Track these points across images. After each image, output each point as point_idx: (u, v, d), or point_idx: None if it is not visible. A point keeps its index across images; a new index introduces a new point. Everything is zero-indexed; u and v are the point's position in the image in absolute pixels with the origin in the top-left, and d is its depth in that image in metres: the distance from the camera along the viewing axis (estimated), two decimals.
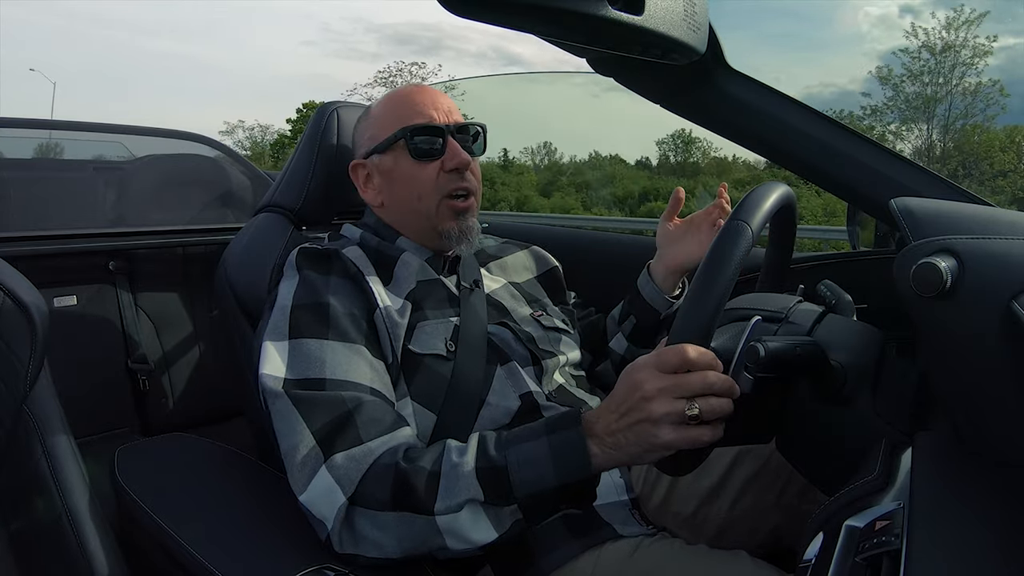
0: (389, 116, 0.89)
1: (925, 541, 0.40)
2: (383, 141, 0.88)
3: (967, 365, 0.47)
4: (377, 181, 0.91)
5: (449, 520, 0.63)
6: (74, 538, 0.68)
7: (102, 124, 1.63)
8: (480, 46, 56.43)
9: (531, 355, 0.87)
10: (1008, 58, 23.82)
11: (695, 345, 0.56)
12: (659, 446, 0.58)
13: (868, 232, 1.09)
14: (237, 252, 1.03)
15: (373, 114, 0.93)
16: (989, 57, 16.34)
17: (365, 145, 0.92)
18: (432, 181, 0.87)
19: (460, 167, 0.87)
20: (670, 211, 1.00)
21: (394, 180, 0.89)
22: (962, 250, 0.45)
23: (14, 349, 0.68)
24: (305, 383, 0.72)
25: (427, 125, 0.86)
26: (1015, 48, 23.83)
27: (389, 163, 0.89)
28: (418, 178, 0.87)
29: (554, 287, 1.06)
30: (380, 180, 0.91)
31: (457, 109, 0.91)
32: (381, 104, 0.93)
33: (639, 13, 0.44)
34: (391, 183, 0.90)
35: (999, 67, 22.25)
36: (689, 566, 0.69)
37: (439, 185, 0.87)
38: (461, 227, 0.88)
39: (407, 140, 0.86)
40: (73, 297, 1.33)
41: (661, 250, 1.00)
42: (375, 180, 0.91)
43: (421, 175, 0.87)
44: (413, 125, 0.86)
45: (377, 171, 0.90)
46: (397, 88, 0.94)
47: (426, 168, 0.87)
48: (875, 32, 33.27)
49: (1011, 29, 22.63)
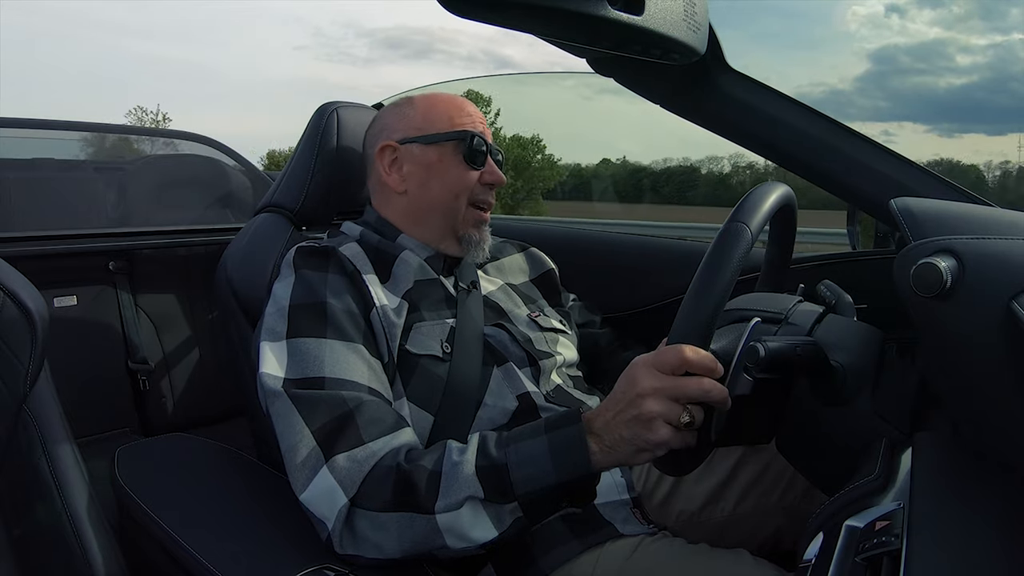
0: (443, 114, 0.92)
1: (925, 541, 0.40)
2: (433, 134, 0.90)
3: (967, 365, 0.47)
4: (408, 169, 0.92)
5: (449, 519, 0.63)
6: (74, 538, 0.68)
7: (102, 124, 1.63)
8: (470, 49, 56.64)
9: (528, 356, 0.87)
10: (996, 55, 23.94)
11: (694, 346, 0.56)
12: (652, 444, 0.58)
13: (868, 232, 1.09)
14: (237, 252, 1.03)
15: (420, 106, 0.93)
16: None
17: (404, 132, 0.92)
18: (471, 187, 0.91)
19: (495, 184, 0.92)
20: None
21: (433, 174, 0.91)
22: (962, 250, 0.45)
23: (14, 349, 0.68)
24: (304, 382, 0.72)
25: (482, 137, 0.91)
26: (1002, 45, 23.98)
27: (432, 157, 0.90)
28: (462, 180, 0.90)
29: (550, 289, 1.06)
30: (413, 169, 0.91)
31: None
32: (431, 99, 0.94)
33: (639, 13, 0.44)
34: (428, 176, 0.91)
35: (987, 64, 22.37)
36: (690, 565, 0.69)
37: (474, 192, 0.91)
38: (481, 235, 0.93)
39: (466, 143, 0.89)
40: (73, 297, 1.34)
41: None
42: (405, 168, 0.92)
43: (466, 178, 0.90)
44: (473, 132, 0.90)
45: (412, 160, 0.91)
46: (445, 92, 0.97)
47: (471, 174, 0.91)
48: (863, 31, 33.50)
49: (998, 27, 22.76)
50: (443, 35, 50.33)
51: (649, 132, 15.77)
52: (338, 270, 0.82)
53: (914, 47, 60.00)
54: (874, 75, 59.05)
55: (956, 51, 22.78)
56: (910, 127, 38.09)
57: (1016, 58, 38.88)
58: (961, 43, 22.27)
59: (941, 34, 21.95)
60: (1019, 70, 29.54)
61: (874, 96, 48.83)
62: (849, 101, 47.77)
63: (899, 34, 23.62)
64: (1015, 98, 30.84)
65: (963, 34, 22.39)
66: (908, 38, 26.47)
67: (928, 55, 60.00)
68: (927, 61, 57.26)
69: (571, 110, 21.48)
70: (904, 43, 30.14)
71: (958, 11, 21.07)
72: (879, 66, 61.73)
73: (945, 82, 50.14)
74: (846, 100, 46.26)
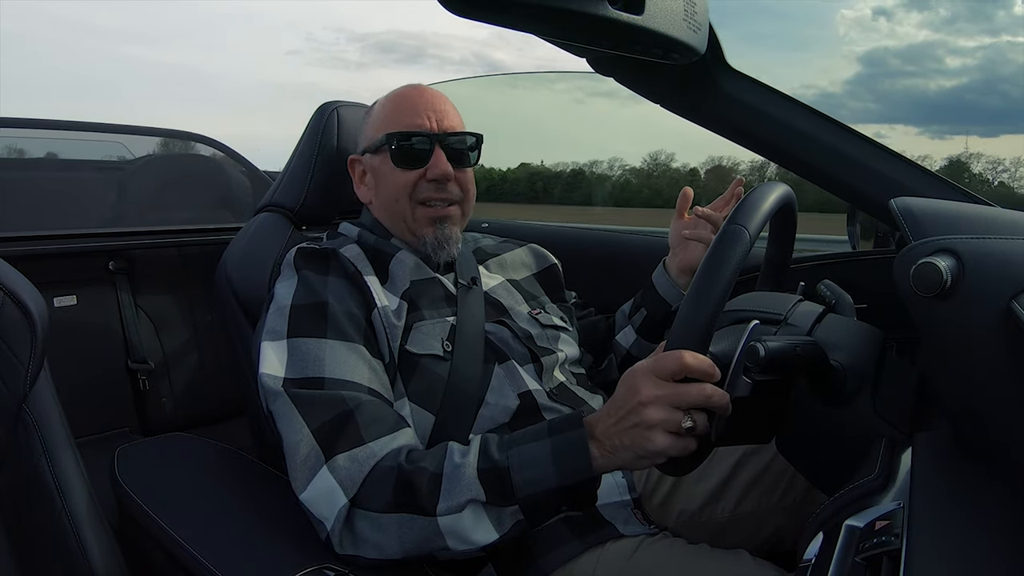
0: (382, 117, 0.91)
1: (925, 541, 0.40)
2: (374, 142, 0.90)
3: (967, 365, 0.47)
4: (368, 179, 0.94)
5: (451, 521, 0.63)
6: (74, 538, 0.68)
7: (102, 124, 1.63)
8: (463, 53, 57.00)
9: (530, 353, 0.87)
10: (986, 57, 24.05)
11: (693, 352, 0.56)
12: (652, 452, 0.58)
13: (868, 232, 1.09)
14: (237, 252, 1.03)
15: (374, 112, 0.94)
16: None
17: (364, 142, 0.94)
18: (407, 187, 0.88)
19: (440, 179, 0.87)
20: (680, 210, 1.01)
21: (380, 181, 0.91)
22: (962, 250, 0.45)
23: (14, 349, 0.68)
24: (304, 382, 0.72)
25: (412, 132, 0.87)
26: (991, 47, 24.13)
27: (377, 163, 0.91)
28: (396, 183, 0.88)
29: (553, 285, 1.06)
30: (371, 178, 0.93)
31: (455, 114, 0.91)
32: (382, 102, 0.93)
33: (639, 13, 0.44)
34: (378, 183, 0.92)
35: (977, 67, 22.47)
36: (690, 565, 0.69)
37: (415, 192, 0.88)
38: (437, 235, 0.88)
39: (390, 146, 0.88)
40: (73, 297, 1.34)
41: (673, 249, 1.01)
42: (367, 177, 0.94)
43: (399, 180, 0.88)
44: (399, 131, 0.87)
45: (370, 169, 0.93)
46: (401, 87, 0.94)
47: (406, 175, 0.88)
48: (852, 34, 33.64)
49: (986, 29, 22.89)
50: (435, 39, 50.58)
51: (564, 135, 15.72)
52: (339, 272, 0.82)
53: (903, 50, 60.21)
54: (864, 77, 59.24)
55: (945, 53, 22.81)
56: (901, 129, 38.28)
57: (1005, 60, 38.98)
58: (950, 45, 22.35)
59: (930, 37, 22.05)
60: (1009, 72, 29.73)
61: (864, 99, 48.97)
62: (840, 104, 48.03)
63: (888, 37, 23.83)
64: (1007, 100, 31.06)
65: (951, 36, 22.47)
66: (897, 40, 26.55)
67: (917, 57, 60.22)
68: (917, 63, 57.51)
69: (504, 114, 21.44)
70: (893, 46, 30.22)
71: (945, 13, 21.25)
72: (869, 68, 61.95)
73: (935, 84, 50.35)
74: (837, 103, 46.55)
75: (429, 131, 0.87)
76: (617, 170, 10.15)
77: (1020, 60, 25.84)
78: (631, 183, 10.20)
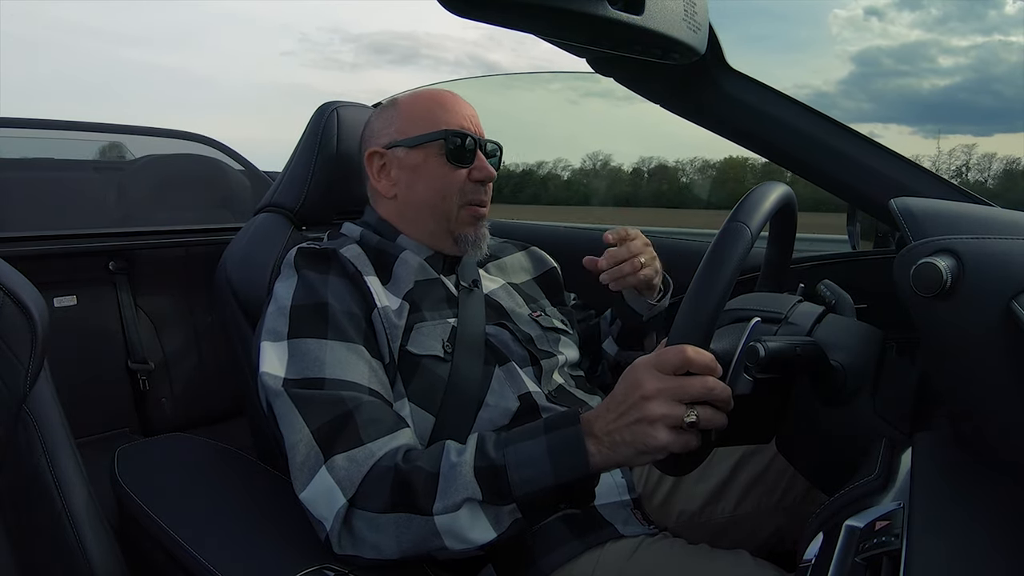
0: (425, 114, 0.90)
1: (925, 541, 0.40)
2: (415, 137, 0.89)
3: (967, 365, 0.47)
4: (395, 173, 0.91)
5: (448, 520, 0.63)
6: (74, 538, 0.68)
7: (102, 124, 1.63)
8: (457, 54, 56.96)
9: (530, 355, 0.87)
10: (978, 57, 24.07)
11: (695, 346, 0.56)
12: (654, 448, 0.58)
13: (868, 232, 1.09)
14: (237, 252, 1.03)
15: (404, 108, 0.92)
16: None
17: (389, 136, 0.91)
18: (459, 186, 0.89)
19: (486, 180, 0.90)
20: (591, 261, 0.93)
21: (419, 177, 0.90)
22: (962, 250, 0.45)
23: (14, 349, 0.68)
24: (304, 382, 0.72)
25: (465, 133, 0.89)
26: (984, 47, 24.13)
27: (417, 159, 0.89)
28: (448, 180, 0.89)
29: (552, 288, 1.06)
30: (400, 173, 0.91)
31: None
32: (413, 100, 0.93)
33: (639, 13, 0.44)
34: (414, 179, 0.90)
35: (970, 66, 22.43)
36: (690, 565, 0.69)
37: (464, 191, 0.89)
38: (478, 233, 0.91)
39: (446, 142, 0.88)
40: (73, 297, 1.33)
41: (611, 285, 0.94)
42: (393, 172, 0.91)
43: (451, 177, 0.89)
44: (454, 129, 0.88)
45: (398, 164, 0.91)
46: (428, 88, 0.95)
47: (457, 172, 0.89)
48: (845, 34, 33.69)
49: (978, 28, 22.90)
50: (429, 40, 50.55)
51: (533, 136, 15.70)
52: (339, 272, 0.82)
53: (896, 49, 60.13)
54: (857, 77, 59.17)
55: (938, 53, 22.76)
56: (895, 129, 38.13)
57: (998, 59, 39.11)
58: (943, 45, 22.30)
59: (922, 36, 21.99)
60: (1002, 71, 29.69)
61: (858, 98, 48.87)
62: (834, 103, 47.91)
63: (880, 36, 23.66)
64: (1000, 99, 30.97)
65: (944, 36, 22.37)
66: (890, 40, 26.44)
67: (910, 57, 60.17)
68: (910, 63, 57.42)
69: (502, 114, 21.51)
70: (886, 45, 30.19)
71: (936, 13, 21.15)
72: (862, 68, 61.89)
73: (929, 83, 50.25)
74: (831, 102, 46.37)
75: (474, 134, 0.90)
76: (562, 170, 10.28)
77: (1012, 59, 26.07)
78: (573, 182, 10.35)
